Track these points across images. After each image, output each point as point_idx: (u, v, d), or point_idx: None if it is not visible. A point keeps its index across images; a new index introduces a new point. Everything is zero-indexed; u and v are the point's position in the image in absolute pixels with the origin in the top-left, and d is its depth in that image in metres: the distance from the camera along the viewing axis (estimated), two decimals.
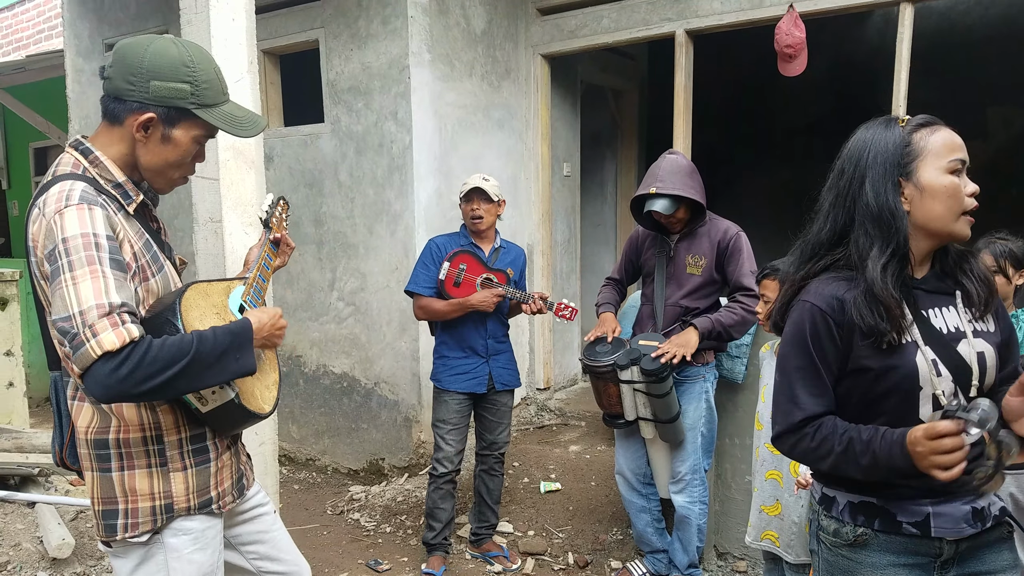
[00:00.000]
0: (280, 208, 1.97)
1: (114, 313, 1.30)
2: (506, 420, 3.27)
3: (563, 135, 5.09)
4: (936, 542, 1.37)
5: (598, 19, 4.40)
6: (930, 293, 1.41)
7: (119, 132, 1.51)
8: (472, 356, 3.16)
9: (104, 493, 1.50)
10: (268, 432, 2.65)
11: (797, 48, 3.72)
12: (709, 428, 2.85)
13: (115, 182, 1.50)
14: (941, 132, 1.38)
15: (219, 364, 1.41)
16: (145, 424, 1.50)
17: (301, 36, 4.37)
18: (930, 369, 1.33)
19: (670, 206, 2.66)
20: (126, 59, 1.47)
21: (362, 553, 3.50)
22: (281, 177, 4.53)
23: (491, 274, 3.11)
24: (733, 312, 2.69)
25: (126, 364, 1.28)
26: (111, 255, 1.36)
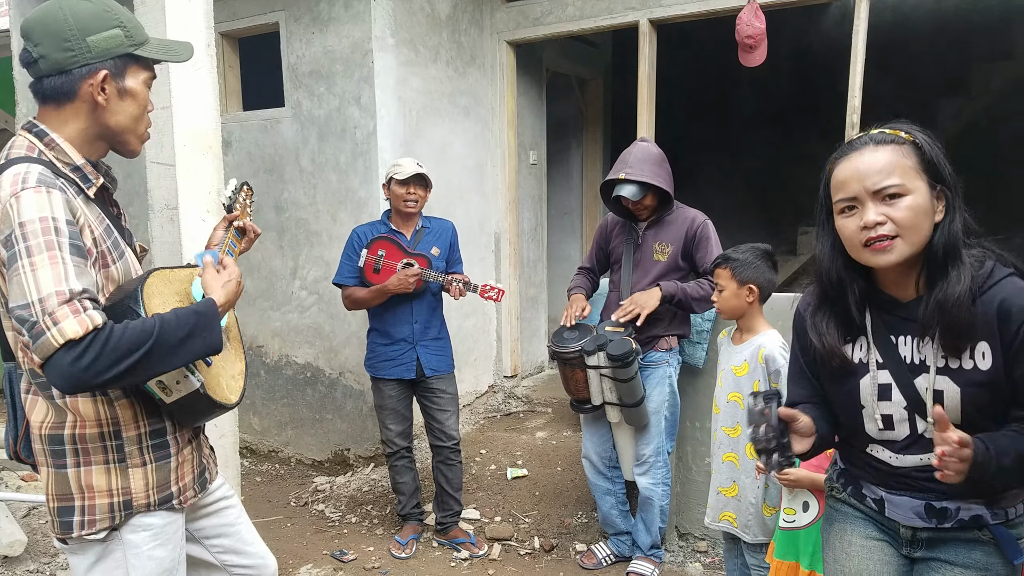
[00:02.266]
0: (244, 194, 1.92)
1: (75, 300, 1.26)
2: (450, 407, 3.23)
3: (529, 123, 5.09)
4: (893, 522, 1.47)
5: (563, 7, 4.40)
6: (905, 320, 1.39)
7: (71, 108, 1.44)
8: (399, 342, 3.17)
9: (60, 490, 1.46)
10: (228, 424, 2.62)
11: (757, 39, 3.76)
12: (672, 412, 2.90)
13: (73, 165, 1.44)
14: (835, 171, 1.38)
15: (184, 345, 1.37)
16: (102, 419, 1.46)
17: (261, 19, 4.28)
18: (872, 394, 1.40)
19: (638, 192, 2.69)
20: (49, 28, 1.39)
21: (327, 544, 3.49)
22: (240, 162, 4.45)
23: (411, 258, 3.09)
24: (700, 286, 2.74)
25: (88, 352, 1.24)
26: (71, 240, 1.31)
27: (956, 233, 1.32)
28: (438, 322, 3.23)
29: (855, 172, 1.33)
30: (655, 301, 2.71)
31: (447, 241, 3.21)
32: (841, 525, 1.58)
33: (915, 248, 1.32)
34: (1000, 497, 1.39)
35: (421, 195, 3.11)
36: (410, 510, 3.41)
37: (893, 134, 1.35)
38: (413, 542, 3.35)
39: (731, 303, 2.42)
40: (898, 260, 1.32)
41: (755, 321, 2.45)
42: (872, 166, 1.32)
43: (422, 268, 3.06)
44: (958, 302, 1.29)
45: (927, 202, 1.32)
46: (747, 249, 2.42)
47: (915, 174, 1.32)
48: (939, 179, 1.33)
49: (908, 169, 1.32)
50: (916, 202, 1.30)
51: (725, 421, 2.49)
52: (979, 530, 1.40)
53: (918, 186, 1.31)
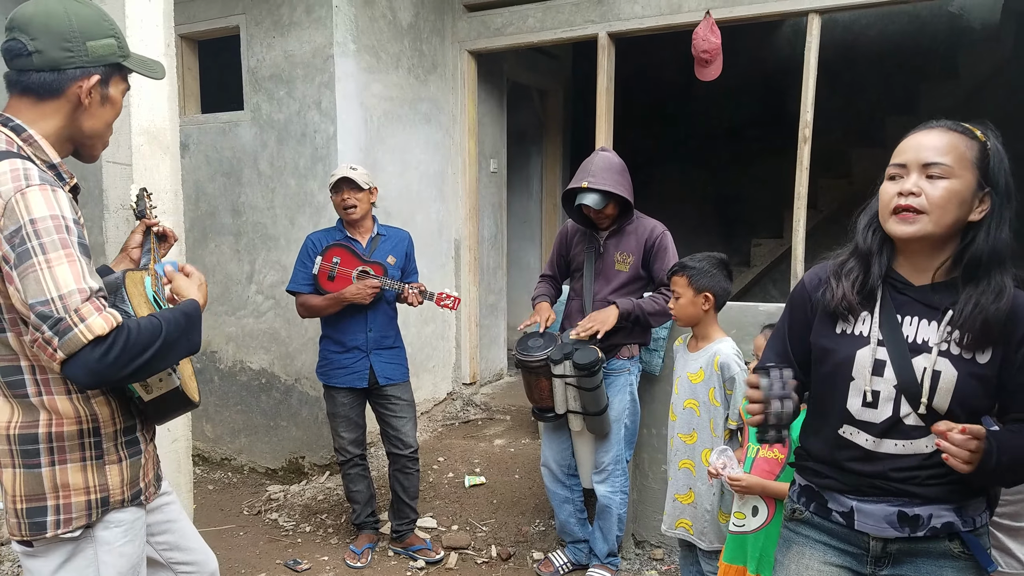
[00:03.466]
0: (147, 199, 1.92)
1: (94, 298, 1.29)
2: (407, 414, 3.21)
3: (490, 131, 5.12)
4: (863, 536, 1.44)
5: (524, 18, 4.45)
6: (915, 302, 1.41)
7: (52, 105, 1.43)
8: (352, 350, 3.14)
9: (30, 490, 1.43)
10: (181, 429, 2.56)
11: (713, 53, 3.87)
12: (632, 420, 2.93)
13: (50, 163, 1.43)
14: (903, 140, 1.43)
15: (179, 343, 1.43)
16: (82, 417, 1.45)
17: (221, 22, 4.22)
18: (868, 366, 1.40)
19: (600, 201, 2.73)
20: (51, 26, 1.40)
21: (280, 553, 3.43)
22: (197, 165, 4.37)
23: (367, 266, 3.07)
24: (656, 301, 2.78)
25: (114, 348, 1.28)
26: (79, 239, 1.33)
27: (1004, 240, 1.36)
28: (393, 331, 3.21)
29: (915, 142, 1.38)
30: (613, 319, 2.74)
31: (403, 250, 3.19)
32: (799, 549, 1.54)
33: (937, 229, 1.35)
34: (967, 503, 1.40)
35: (358, 198, 3.04)
36: (365, 519, 3.38)
37: (967, 127, 1.39)
38: (368, 551, 3.32)
39: (687, 311, 2.47)
40: (916, 234, 1.35)
41: (710, 329, 2.50)
42: (931, 142, 1.37)
43: (378, 276, 3.04)
44: (999, 312, 1.32)
45: (966, 193, 1.35)
46: (704, 258, 2.47)
47: (967, 165, 1.35)
48: (990, 182, 1.36)
49: (963, 158, 1.35)
50: (955, 187, 1.34)
51: (681, 428, 2.54)
52: (950, 541, 1.39)
53: (964, 176, 1.35)
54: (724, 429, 2.45)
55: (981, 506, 1.43)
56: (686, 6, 3.96)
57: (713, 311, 2.49)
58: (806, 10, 3.71)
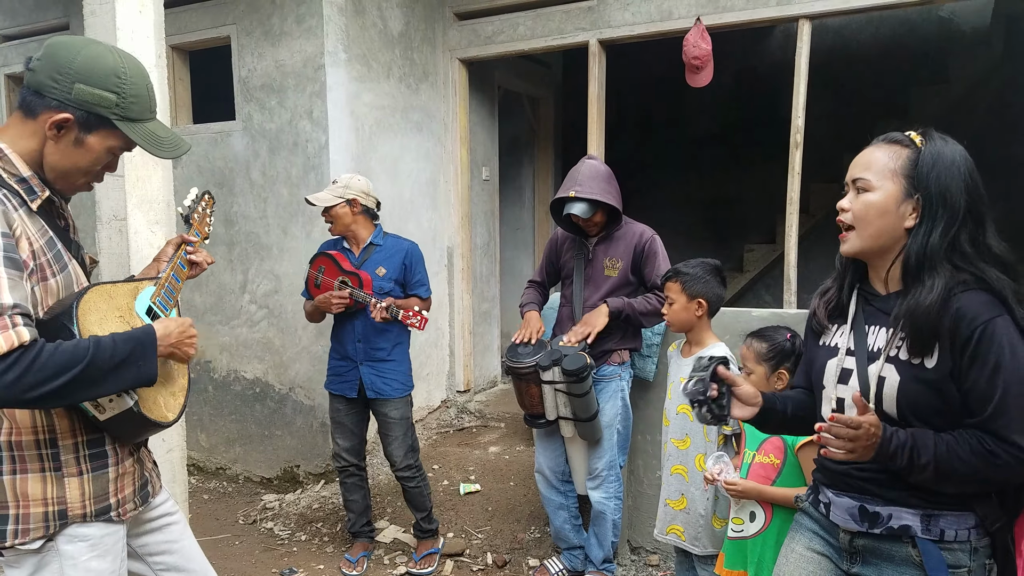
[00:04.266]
0: (205, 203, 1.90)
1: (5, 315, 1.25)
2: (393, 433, 3.15)
3: (482, 139, 5.13)
4: (836, 528, 1.52)
5: (514, 26, 4.47)
6: (879, 311, 1.46)
7: (31, 126, 1.45)
8: (345, 359, 3.16)
9: None
10: (176, 439, 2.56)
11: (703, 60, 3.89)
12: (625, 425, 2.93)
13: (19, 176, 1.43)
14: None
15: (117, 372, 1.37)
16: (38, 427, 1.44)
17: (212, 32, 4.23)
18: (834, 376, 1.48)
19: (588, 210, 2.74)
20: (56, 56, 1.43)
21: (276, 562, 3.42)
22: (189, 175, 4.37)
23: (346, 276, 3.06)
24: (648, 301, 2.79)
25: (13, 369, 1.23)
26: (5, 253, 1.30)
27: (933, 245, 1.35)
28: (388, 344, 3.12)
29: (856, 160, 1.46)
30: (603, 318, 2.75)
31: (398, 262, 3.12)
32: (793, 534, 1.65)
33: (866, 243, 1.43)
34: (941, 513, 1.38)
35: (331, 214, 3.06)
36: (360, 527, 3.37)
37: (905, 135, 1.42)
38: (363, 559, 3.31)
39: (680, 316, 2.48)
40: (850, 251, 1.46)
41: (704, 334, 2.51)
42: (862, 158, 1.44)
43: (352, 287, 3.02)
44: (927, 310, 1.32)
45: (888, 204, 1.39)
46: (697, 264, 2.48)
47: (890, 176, 1.39)
48: (919, 188, 1.37)
49: (885, 169, 1.40)
50: (874, 200, 1.40)
51: (675, 433, 2.54)
52: (912, 547, 1.40)
53: (886, 187, 1.39)
54: (718, 434, 2.45)
55: (962, 521, 1.39)
56: (676, 13, 3.98)
57: (707, 317, 2.49)
58: (796, 16, 3.74)
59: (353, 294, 2.99)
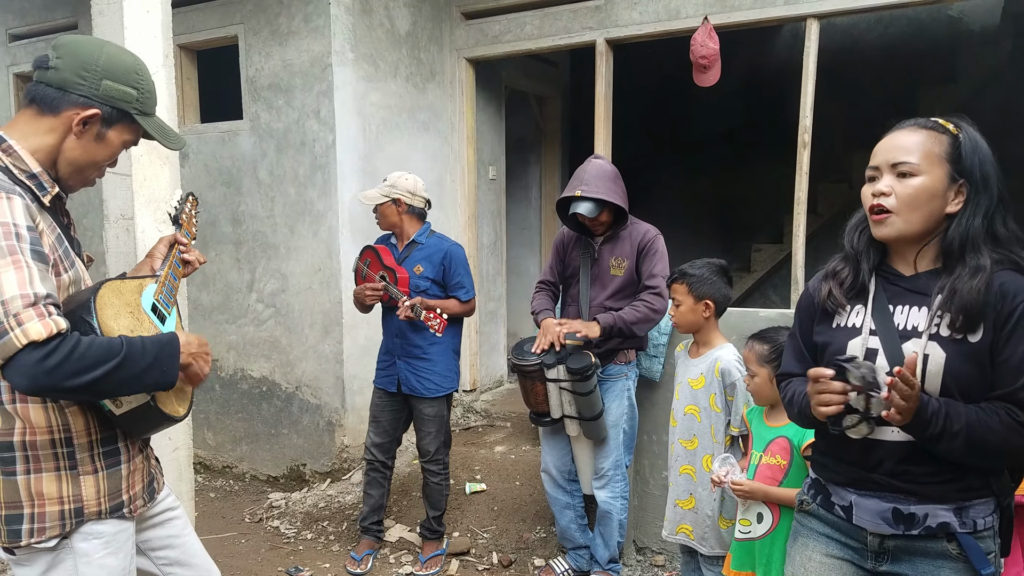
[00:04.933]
0: (189, 204, 1.93)
1: (40, 304, 1.27)
2: (426, 428, 3.20)
3: (488, 139, 5.13)
4: (861, 531, 1.48)
5: (521, 25, 4.46)
6: (907, 291, 1.46)
7: (48, 122, 1.47)
8: (387, 353, 3.24)
9: (8, 497, 1.44)
10: (182, 437, 2.57)
11: (711, 59, 3.87)
12: (631, 425, 2.93)
13: (30, 172, 1.45)
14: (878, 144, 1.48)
15: (145, 373, 1.40)
16: (54, 427, 1.45)
17: (220, 31, 4.24)
18: (861, 354, 1.45)
19: (594, 209, 2.73)
20: (79, 54, 1.47)
21: (282, 560, 3.42)
22: (197, 174, 4.38)
23: (385, 272, 3.13)
24: (636, 309, 2.77)
25: (54, 356, 1.26)
26: (32, 246, 1.33)
27: (976, 228, 1.39)
28: (424, 342, 3.14)
29: (887, 144, 1.44)
30: (595, 332, 2.74)
31: (438, 262, 3.14)
32: (804, 540, 1.59)
33: (911, 227, 1.41)
34: (970, 504, 1.41)
35: (379, 212, 3.17)
36: (369, 524, 3.39)
37: (938, 122, 1.43)
38: (368, 558, 3.32)
39: (688, 318, 2.47)
40: (891, 235, 1.42)
41: (711, 335, 2.51)
42: (899, 142, 1.42)
43: (388, 282, 3.08)
44: (977, 289, 1.34)
45: (938, 188, 1.39)
46: (703, 264, 2.47)
47: (936, 161, 1.39)
48: (964, 174, 1.40)
49: (931, 154, 1.40)
50: (923, 184, 1.39)
51: (682, 434, 2.54)
52: (947, 541, 1.41)
53: (934, 172, 1.39)
54: (725, 435, 2.45)
55: (987, 508, 1.42)
56: (684, 12, 3.97)
57: (714, 318, 2.49)
58: (804, 15, 3.72)
59: (387, 290, 3.04)
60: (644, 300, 2.76)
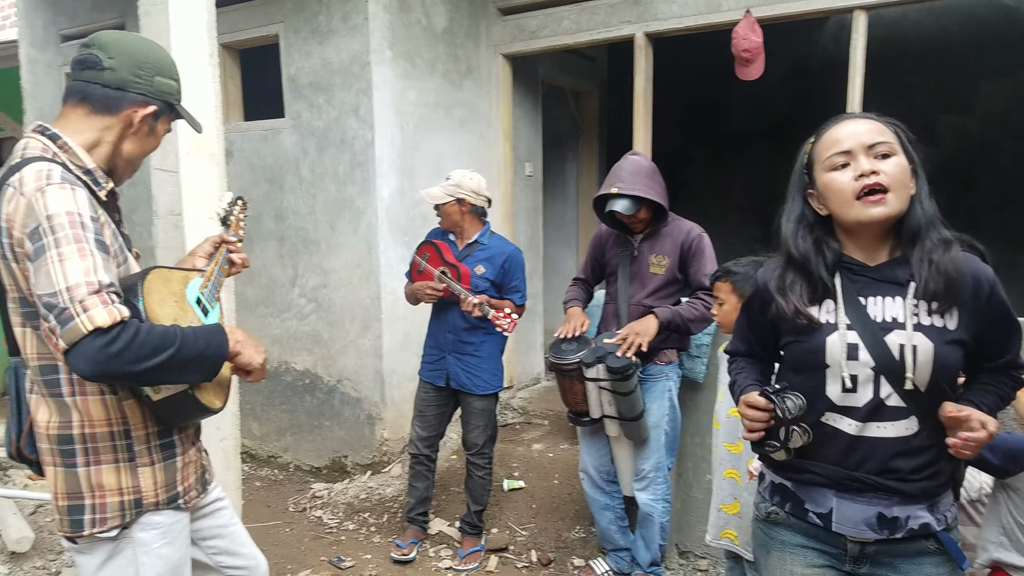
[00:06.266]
0: (239, 207, 1.96)
1: (103, 291, 1.30)
2: (474, 422, 3.24)
3: (525, 135, 5.12)
4: (839, 537, 1.43)
5: (558, 20, 4.44)
6: (877, 281, 1.43)
7: (103, 121, 1.51)
8: (436, 348, 3.24)
9: (69, 488, 1.47)
10: (230, 427, 2.62)
11: (754, 52, 3.80)
12: (672, 426, 2.88)
13: (85, 168, 1.48)
14: (824, 135, 1.46)
15: (196, 362, 1.43)
16: (112, 419, 1.48)
17: (261, 31, 4.30)
18: (842, 352, 1.40)
19: (631, 207, 2.70)
20: (133, 53, 1.51)
21: (325, 550, 3.47)
22: (241, 172, 4.46)
23: (447, 268, 3.12)
24: (694, 307, 2.74)
25: (116, 342, 1.28)
26: (96, 236, 1.36)
27: (932, 209, 1.42)
28: (476, 339, 3.16)
29: (851, 131, 1.41)
30: (653, 329, 2.69)
31: (499, 265, 3.14)
32: (780, 555, 1.51)
33: (902, 205, 1.39)
34: (939, 500, 1.42)
35: (442, 211, 3.15)
36: (415, 515, 3.43)
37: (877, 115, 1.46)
38: (413, 546, 3.36)
39: (732, 317, 2.41)
40: (888, 214, 1.38)
41: None
42: (867, 126, 1.42)
43: (450, 280, 3.07)
44: (952, 260, 1.36)
45: (907, 169, 1.40)
46: (748, 262, 2.42)
47: (897, 145, 1.41)
48: (912, 160, 1.42)
49: (895, 137, 1.42)
50: (902, 163, 1.39)
51: (726, 437, 2.49)
52: (926, 539, 1.40)
53: (900, 153, 1.40)
54: None
55: (949, 500, 1.45)
56: (725, 5, 3.90)
57: None
58: (852, 6, 3.63)
59: (450, 286, 3.05)
60: (702, 299, 2.72)
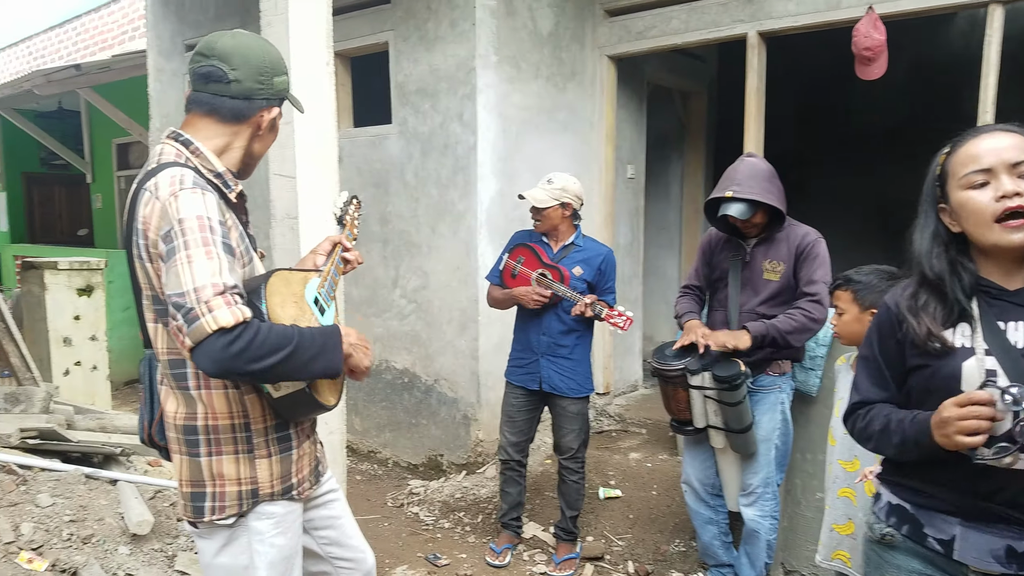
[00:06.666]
0: (353, 207, 2.02)
1: (227, 293, 1.36)
2: (568, 426, 3.19)
3: (628, 137, 5.05)
4: (961, 567, 1.34)
5: (667, 20, 4.34)
6: (1017, 306, 1.34)
7: (232, 128, 1.58)
8: (527, 350, 3.20)
9: (192, 476, 1.55)
10: (337, 422, 2.71)
11: (876, 51, 3.60)
12: (784, 441, 2.75)
13: (216, 171, 1.56)
14: (960, 148, 1.38)
15: (313, 360, 1.46)
16: (233, 412, 1.55)
17: (371, 38, 4.44)
18: (980, 377, 1.31)
19: (746, 211, 2.59)
20: (250, 59, 1.56)
21: (421, 547, 3.53)
22: (349, 177, 4.61)
23: (547, 270, 3.09)
24: (792, 318, 2.59)
25: (238, 342, 1.34)
26: (223, 239, 1.43)
27: None
28: (571, 342, 3.13)
29: (992, 146, 1.32)
30: (745, 342, 2.59)
31: (595, 266, 3.11)
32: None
33: None
34: None
35: (542, 215, 3.09)
36: (509, 520, 3.43)
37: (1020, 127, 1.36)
38: (507, 551, 3.36)
39: (852, 328, 2.29)
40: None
41: None
42: (1010, 140, 1.32)
43: (554, 282, 3.05)
44: None
45: None
46: (871, 271, 2.28)
47: None
48: None
49: None
50: None
51: (842, 454, 2.36)
52: None
53: None
54: None
55: None
56: (845, 2, 3.70)
57: None
58: (986, 0, 3.36)
59: (555, 289, 3.02)
60: (802, 308, 2.58)
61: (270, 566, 1.60)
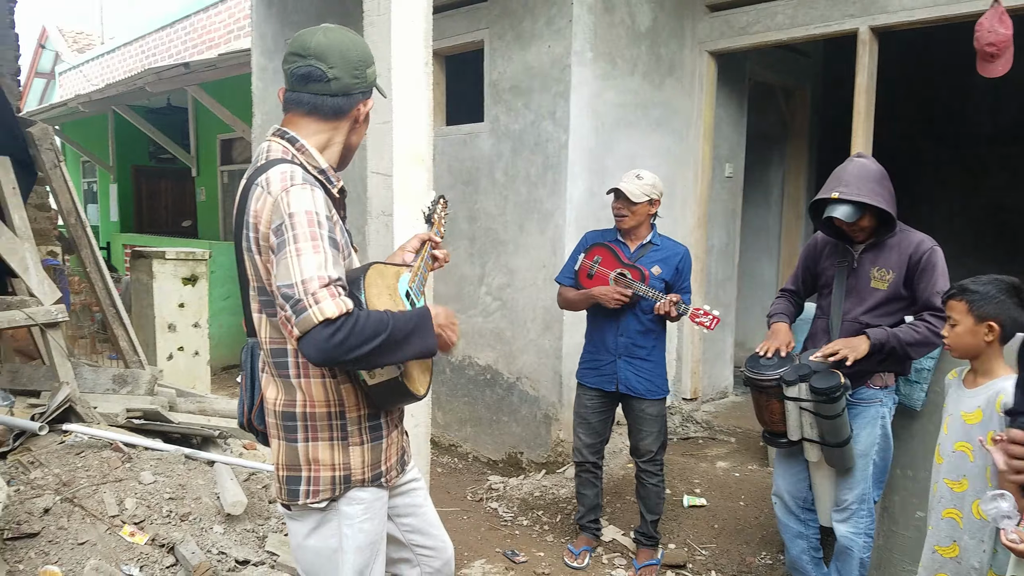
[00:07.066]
0: (440, 206, 2.06)
1: (332, 285, 1.42)
2: (647, 428, 3.13)
3: (727, 135, 4.91)
4: None
5: (772, 15, 4.19)
6: None
7: (333, 123, 1.64)
8: (603, 352, 3.14)
9: (289, 461, 1.62)
10: (422, 415, 2.76)
11: (1001, 47, 3.35)
12: (883, 457, 2.61)
13: (320, 168, 1.62)
14: None
15: (408, 342, 1.51)
16: (330, 400, 1.60)
17: (467, 37, 4.49)
18: None
19: (853, 213, 2.46)
20: (345, 54, 1.60)
21: (499, 542, 3.55)
22: (440, 174, 4.68)
23: (626, 269, 3.04)
24: (916, 329, 2.45)
25: (341, 331, 1.39)
26: (329, 234, 1.48)
27: None
28: (649, 343, 3.09)
29: None
30: (864, 348, 2.46)
31: (673, 265, 3.07)
32: None
33: None
34: None
35: (631, 210, 3.03)
36: (587, 523, 3.40)
37: None
38: (586, 554, 3.33)
39: (965, 341, 2.14)
40: None
41: (994, 363, 2.15)
42: None
43: (634, 282, 3.01)
44: None
45: None
46: (989, 281, 2.13)
47: None
48: None
49: None
50: None
51: (949, 473, 2.21)
52: None
53: None
54: None
55: None
56: None
57: (998, 343, 2.13)
58: None
59: (636, 289, 2.98)
60: (927, 321, 2.43)
61: (357, 550, 1.65)
